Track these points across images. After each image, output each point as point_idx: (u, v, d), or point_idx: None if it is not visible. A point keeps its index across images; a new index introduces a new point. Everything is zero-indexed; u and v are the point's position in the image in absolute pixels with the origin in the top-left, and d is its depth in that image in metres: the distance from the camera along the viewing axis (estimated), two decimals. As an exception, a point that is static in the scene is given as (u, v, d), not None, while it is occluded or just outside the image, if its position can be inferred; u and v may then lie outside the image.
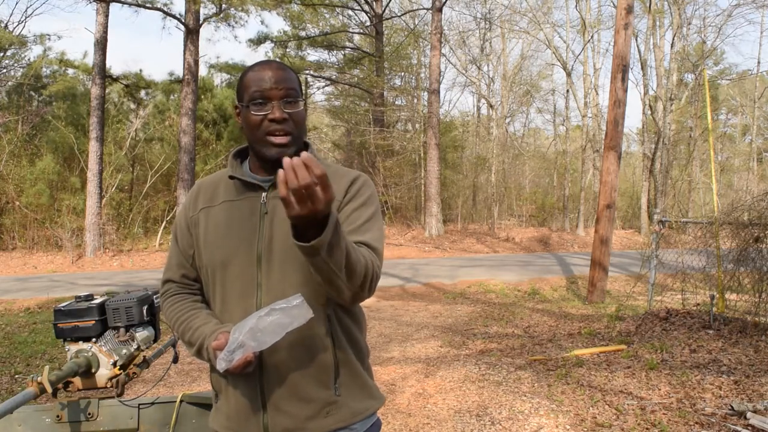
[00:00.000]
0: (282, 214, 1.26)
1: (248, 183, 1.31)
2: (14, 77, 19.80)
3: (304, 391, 1.25)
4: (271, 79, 1.25)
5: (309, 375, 1.25)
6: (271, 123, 1.24)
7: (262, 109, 1.25)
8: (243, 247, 1.27)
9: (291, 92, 1.26)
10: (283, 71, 1.27)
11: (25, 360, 5.48)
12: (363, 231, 1.26)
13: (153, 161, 18.45)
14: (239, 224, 1.30)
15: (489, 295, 9.16)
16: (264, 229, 1.27)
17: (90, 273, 12.68)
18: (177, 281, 1.42)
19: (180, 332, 1.35)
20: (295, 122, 1.26)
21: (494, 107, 22.30)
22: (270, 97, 1.24)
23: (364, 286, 1.17)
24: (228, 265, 1.28)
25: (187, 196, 1.43)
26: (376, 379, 4.50)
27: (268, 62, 1.30)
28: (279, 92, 1.24)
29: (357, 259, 1.12)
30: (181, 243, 1.41)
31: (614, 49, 8.42)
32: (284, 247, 1.24)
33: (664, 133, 19.74)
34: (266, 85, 1.24)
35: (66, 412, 1.79)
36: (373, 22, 20.20)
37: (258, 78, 1.25)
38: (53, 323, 1.81)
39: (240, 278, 1.27)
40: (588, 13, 20.55)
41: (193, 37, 14.99)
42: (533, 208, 23.04)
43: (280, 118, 1.24)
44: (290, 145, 1.26)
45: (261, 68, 1.27)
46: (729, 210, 6.41)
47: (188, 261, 1.40)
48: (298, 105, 1.27)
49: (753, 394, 3.84)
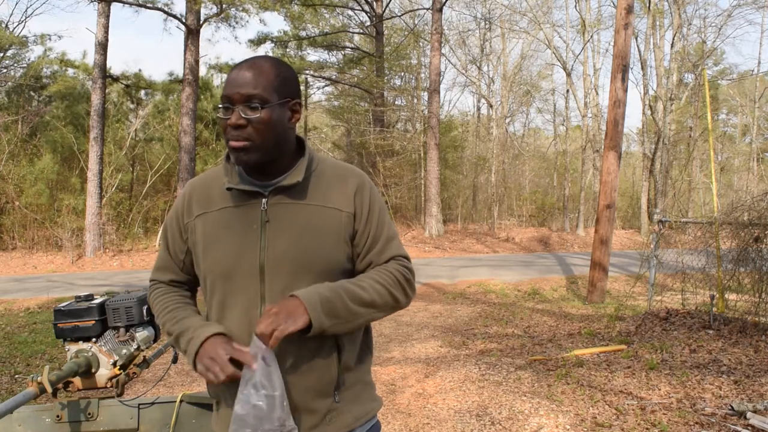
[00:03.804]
0: (284, 222, 1.23)
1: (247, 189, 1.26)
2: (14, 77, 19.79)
3: (310, 402, 1.23)
4: (236, 82, 1.18)
5: (314, 385, 1.23)
6: (230, 129, 1.19)
7: (226, 113, 1.19)
8: (245, 257, 1.22)
9: (253, 97, 1.17)
10: (252, 72, 1.18)
11: (25, 360, 5.48)
12: (386, 250, 1.30)
13: (153, 161, 18.45)
14: (240, 233, 1.24)
15: (489, 295, 9.15)
16: (266, 239, 1.22)
17: (90, 273, 12.68)
18: (165, 283, 1.40)
19: (162, 322, 1.32)
20: (255, 129, 1.17)
21: (494, 107, 22.30)
22: (233, 101, 1.18)
23: (399, 298, 1.26)
24: (230, 276, 1.23)
25: (179, 200, 1.36)
26: (376, 379, 4.50)
27: (246, 61, 1.22)
28: (240, 96, 1.17)
29: (373, 295, 1.22)
30: (172, 248, 1.36)
31: (614, 49, 8.42)
32: (287, 256, 1.21)
33: (664, 133, 19.73)
34: (230, 90, 1.18)
35: (66, 412, 1.79)
36: (373, 22, 20.19)
37: (229, 80, 1.20)
38: (53, 323, 1.81)
39: (242, 290, 1.23)
40: (588, 13, 20.54)
41: (193, 38, 14.99)
42: (533, 208, 23.03)
43: (234, 124, 1.17)
44: (249, 150, 1.18)
45: (236, 68, 1.20)
46: (729, 210, 6.41)
47: (178, 266, 1.37)
48: (258, 111, 1.16)
49: (753, 394, 3.84)
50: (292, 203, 1.25)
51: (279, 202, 1.25)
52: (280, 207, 1.24)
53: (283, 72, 1.22)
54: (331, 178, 1.30)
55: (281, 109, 1.21)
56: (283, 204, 1.24)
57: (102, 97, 14.51)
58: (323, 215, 1.25)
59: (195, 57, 15.09)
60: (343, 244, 1.27)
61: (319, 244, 1.23)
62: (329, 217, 1.26)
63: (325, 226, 1.25)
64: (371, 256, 1.29)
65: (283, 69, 1.23)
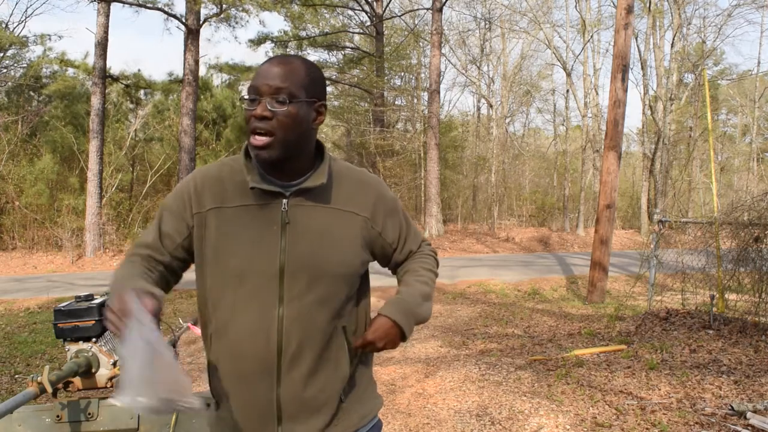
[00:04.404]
0: (304, 225, 1.22)
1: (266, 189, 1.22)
2: (14, 77, 19.79)
3: (320, 402, 1.23)
4: (266, 74, 1.16)
5: (325, 386, 1.23)
6: (254, 120, 1.16)
7: (251, 105, 1.17)
8: (263, 259, 1.19)
9: (281, 90, 1.14)
10: (283, 67, 1.17)
11: (25, 360, 5.48)
12: (416, 237, 1.43)
13: (153, 161, 18.46)
14: (258, 234, 1.20)
15: (489, 295, 9.15)
16: (286, 242, 1.20)
17: (90, 273, 12.68)
18: (142, 257, 1.27)
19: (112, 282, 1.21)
20: (279, 122, 1.14)
21: (494, 107, 22.31)
22: (260, 92, 1.15)
23: (438, 274, 1.44)
24: (244, 277, 1.19)
25: (187, 185, 1.28)
26: (376, 379, 4.49)
27: (278, 57, 1.20)
28: (269, 88, 1.15)
29: (432, 285, 1.37)
30: (165, 228, 1.27)
31: (614, 49, 8.42)
32: (308, 261, 1.20)
33: (664, 133, 19.73)
34: (258, 81, 1.16)
35: (66, 412, 1.79)
36: (374, 22, 20.19)
37: (259, 72, 1.18)
38: (53, 323, 1.81)
39: (259, 291, 1.19)
40: (588, 13, 20.55)
41: (193, 38, 14.99)
42: (533, 208, 23.04)
43: (259, 115, 1.14)
44: (270, 146, 1.15)
45: (267, 62, 1.19)
46: (729, 210, 6.42)
47: (166, 248, 1.27)
48: (285, 105, 1.14)
49: (753, 394, 3.84)
50: (312, 206, 1.23)
51: (299, 204, 1.23)
52: (300, 209, 1.23)
53: (313, 72, 1.22)
54: (349, 182, 1.30)
55: (307, 108, 1.19)
56: (304, 206, 1.23)
57: (102, 97, 14.51)
58: (342, 219, 1.25)
59: (195, 57, 15.09)
60: (360, 250, 1.27)
61: (339, 250, 1.23)
62: (348, 220, 1.26)
63: (344, 231, 1.25)
64: (408, 245, 1.40)
65: (314, 70, 1.22)
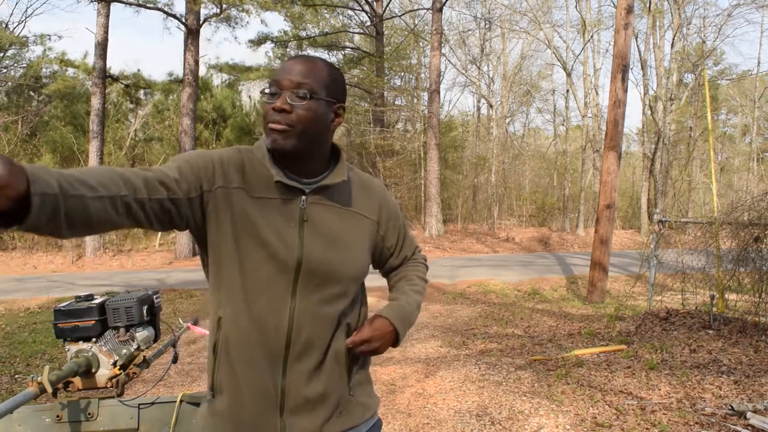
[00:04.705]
0: (321, 224, 1.23)
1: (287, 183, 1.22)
2: (14, 77, 19.80)
3: (322, 397, 1.24)
4: (289, 69, 1.17)
5: (328, 381, 1.25)
6: (273, 113, 1.16)
7: (271, 98, 1.18)
8: (280, 252, 1.19)
9: (303, 85, 1.16)
10: (306, 65, 1.18)
11: (25, 360, 5.48)
12: (412, 243, 1.50)
13: (153, 161, 18.47)
14: (276, 228, 1.20)
15: (489, 295, 9.15)
16: (303, 238, 1.21)
17: (90, 273, 12.68)
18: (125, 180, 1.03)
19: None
20: (298, 116, 1.15)
21: (494, 107, 22.31)
22: (281, 86, 1.16)
23: (427, 281, 1.51)
24: (261, 267, 1.19)
25: (211, 155, 1.21)
26: (376, 379, 4.50)
27: (302, 55, 1.22)
28: (290, 83, 1.16)
29: (423, 293, 1.44)
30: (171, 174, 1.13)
31: (614, 49, 8.42)
32: (324, 262, 1.21)
33: (664, 133, 19.73)
34: (280, 75, 1.17)
35: (66, 412, 1.79)
36: (374, 22, 20.19)
37: (282, 67, 1.19)
38: (53, 323, 1.80)
39: (273, 283, 1.19)
40: (588, 13, 20.55)
41: (193, 38, 14.98)
42: (533, 208, 23.05)
43: (278, 108, 1.15)
44: (287, 134, 1.15)
45: (291, 60, 1.20)
46: (729, 210, 6.42)
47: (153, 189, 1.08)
48: (305, 100, 1.15)
49: (753, 394, 3.84)
50: (329, 205, 1.26)
51: (317, 202, 1.24)
52: (317, 207, 1.24)
53: (335, 74, 1.24)
54: (358, 186, 1.33)
55: (326, 107, 1.20)
56: (321, 205, 1.25)
57: (102, 97, 14.51)
58: (355, 221, 1.29)
59: (195, 57, 15.09)
60: (367, 253, 1.33)
61: (352, 253, 1.27)
62: (360, 223, 1.30)
63: (357, 233, 1.29)
64: (404, 251, 1.46)
65: (335, 72, 1.25)
